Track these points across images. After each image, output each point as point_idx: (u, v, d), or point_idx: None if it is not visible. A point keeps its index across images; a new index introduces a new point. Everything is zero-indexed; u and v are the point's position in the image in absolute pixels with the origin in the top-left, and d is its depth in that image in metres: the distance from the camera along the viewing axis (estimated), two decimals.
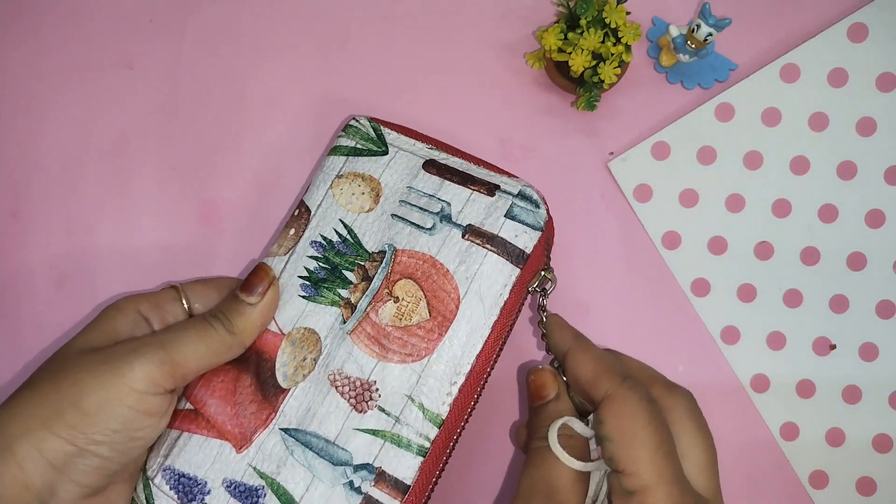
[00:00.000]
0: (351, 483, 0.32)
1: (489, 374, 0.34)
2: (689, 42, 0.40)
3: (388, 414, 0.32)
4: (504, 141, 0.43)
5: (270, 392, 0.34)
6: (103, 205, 0.42)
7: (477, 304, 0.33)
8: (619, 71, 0.38)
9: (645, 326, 0.42)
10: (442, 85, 0.43)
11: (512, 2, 0.43)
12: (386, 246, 0.35)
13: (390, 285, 0.34)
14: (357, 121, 0.38)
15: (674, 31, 0.40)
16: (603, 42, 0.38)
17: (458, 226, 0.34)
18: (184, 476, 0.33)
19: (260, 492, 0.32)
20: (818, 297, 0.42)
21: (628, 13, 0.38)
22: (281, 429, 0.33)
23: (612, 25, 0.38)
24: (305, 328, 0.34)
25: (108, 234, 0.42)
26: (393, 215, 0.35)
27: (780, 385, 0.42)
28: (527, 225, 0.34)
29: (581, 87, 0.40)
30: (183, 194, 0.42)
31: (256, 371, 0.34)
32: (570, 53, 0.38)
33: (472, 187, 0.35)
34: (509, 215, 0.34)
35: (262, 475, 0.33)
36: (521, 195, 0.35)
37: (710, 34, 0.39)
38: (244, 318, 0.33)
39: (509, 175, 0.36)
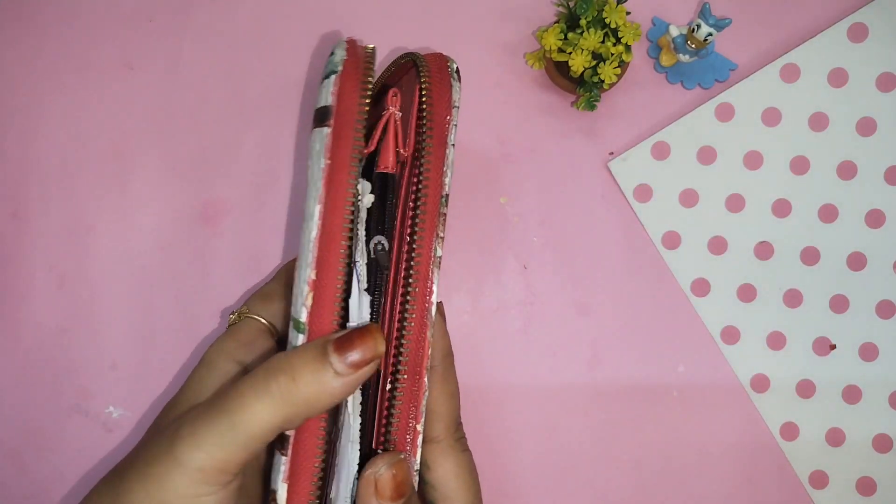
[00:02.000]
0: None
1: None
2: (689, 42, 0.40)
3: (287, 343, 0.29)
4: (504, 141, 0.43)
5: None
6: (103, 205, 0.42)
7: (309, 187, 0.28)
8: (619, 71, 0.38)
9: (645, 326, 0.42)
10: None
11: (512, 2, 0.43)
12: None
13: None
14: None
15: (674, 31, 0.40)
16: (603, 42, 0.38)
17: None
18: None
19: None
20: (818, 297, 0.42)
21: (628, 13, 0.38)
22: None
23: (612, 25, 0.38)
24: None
25: (108, 234, 0.42)
26: None
27: (780, 385, 0.42)
28: (325, 78, 0.28)
29: (581, 87, 0.40)
30: (183, 194, 0.42)
31: None
32: (570, 53, 0.38)
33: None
34: (321, 81, 0.29)
35: None
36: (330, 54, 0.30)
37: (710, 34, 0.39)
38: (319, 386, 0.26)
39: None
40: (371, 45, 0.30)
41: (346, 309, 0.28)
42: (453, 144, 0.30)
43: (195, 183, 0.42)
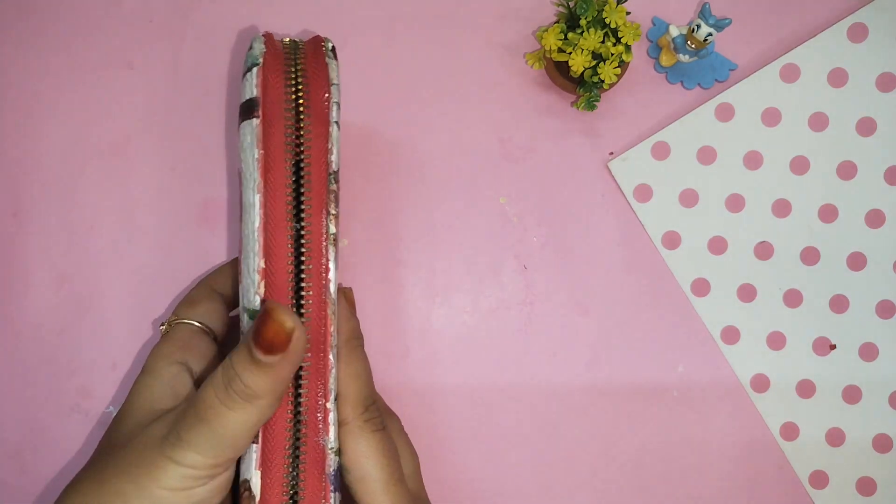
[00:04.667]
0: None
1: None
2: (689, 42, 0.40)
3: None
4: (504, 141, 0.43)
5: None
6: (103, 205, 0.42)
7: (244, 183, 0.29)
8: (619, 71, 0.38)
9: (645, 326, 0.42)
10: (442, 85, 0.43)
11: (512, 2, 0.43)
12: None
13: None
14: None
15: (674, 31, 0.40)
16: (603, 42, 0.38)
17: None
18: None
19: None
20: (818, 297, 0.42)
21: (628, 13, 0.38)
22: None
23: (612, 25, 0.38)
24: None
25: (108, 234, 0.42)
26: None
27: (780, 385, 0.42)
28: (247, 70, 0.29)
29: (581, 87, 0.40)
30: (183, 194, 0.42)
31: None
32: (570, 53, 0.38)
33: None
34: (242, 76, 0.30)
35: None
36: (249, 46, 0.31)
37: (710, 34, 0.39)
38: (265, 380, 0.27)
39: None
40: (288, 38, 0.31)
41: (298, 291, 0.29)
42: (337, 122, 0.30)
43: (195, 183, 0.42)
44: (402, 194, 0.42)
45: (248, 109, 0.29)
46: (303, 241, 0.29)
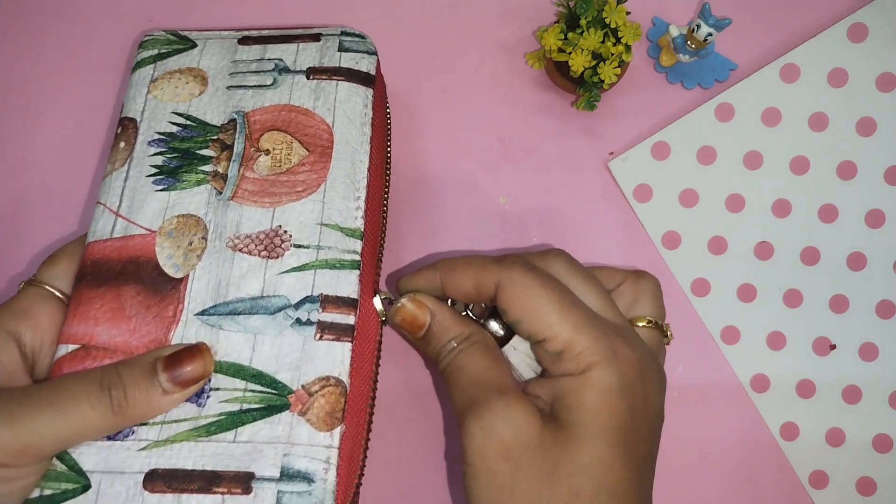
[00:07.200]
0: (298, 320, 0.30)
1: (387, 191, 0.37)
2: (689, 42, 0.40)
3: (306, 247, 0.32)
4: (504, 141, 0.43)
5: (166, 288, 0.31)
6: None
7: (348, 125, 0.34)
8: (619, 71, 0.38)
9: None
10: (442, 85, 0.43)
11: (512, 2, 0.43)
12: (234, 114, 0.34)
13: (255, 143, 0.34)
14: (151, 35, 0.37)
15: (674, 31, 0.40)
16: (603, 42, 0.38)
17: (299, 72, 0.35)
18: None
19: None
20: (818, 297, 0.42)
21: (628, 13, 0.38)
22: (196, 315, 0.31)
23: (612, 25, 0.38)
24: (178, 216, 0.32)
25: None
26: (228, 87, 0.35)
27: (780, 385, 0.42)
28: (362, 52, 0.36)
29: (581, 87, 0.40)
30: None
31: (139, 278, 0.31)
32: (570, 53, 0.38)
33: (296, 41, 0.36)
34: (342, 49, 0.36)
35: None
36: (344, 32, 0.37)
37: (710, 34, 0.39)
38: (148, 404, 0.27)
39: (323, 26, 0.38)
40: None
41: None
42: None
43: None
44: (401, 194, 0.42)
45: (366, 80, 0.35)
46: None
